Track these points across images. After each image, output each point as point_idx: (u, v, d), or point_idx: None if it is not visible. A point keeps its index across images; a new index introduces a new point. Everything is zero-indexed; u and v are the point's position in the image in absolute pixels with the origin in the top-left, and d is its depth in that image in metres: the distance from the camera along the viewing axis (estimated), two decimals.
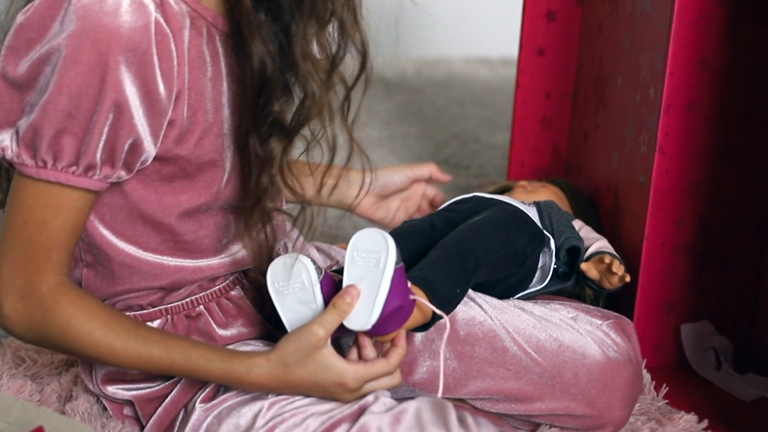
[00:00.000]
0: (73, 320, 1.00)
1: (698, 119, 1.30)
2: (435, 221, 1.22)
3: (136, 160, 0.99)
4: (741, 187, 1.35)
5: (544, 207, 1.29)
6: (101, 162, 0.97)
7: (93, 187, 0.98)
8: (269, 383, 1.02)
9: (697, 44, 1.27)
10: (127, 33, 0.93)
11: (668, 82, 1.27)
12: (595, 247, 1.25)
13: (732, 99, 1.31)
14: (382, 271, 0.99)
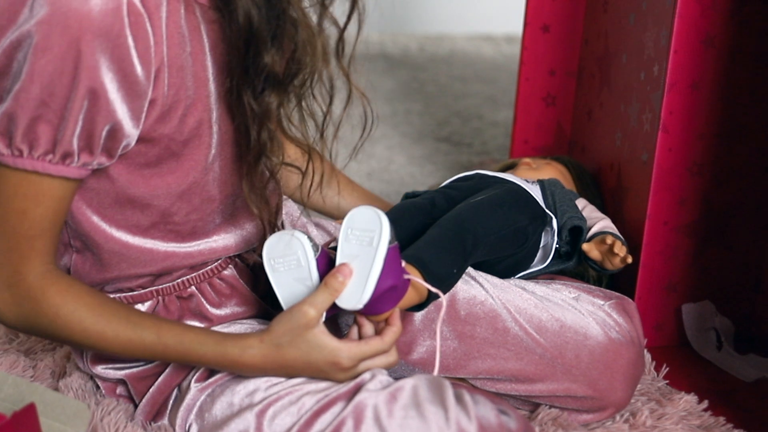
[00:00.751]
0: (62, 309, 0.98)
1: (702, 98, 1.28)
2: (436, 198, 1.20)
3: (117, 145, 0.97)
4: (744, 167, 1.34)
5: (547, 185, 1.27)
6: (78, 149, 0.94)
7: (71, 174, 0.96)
8: (263, 365, 1.01)
9: (702, 22, 1.25)
10: (98, 17, 0.91)
11: (672, 60, 1.25)
12: (597, 227, 1.23)
13: (736, 78, 1.29)
14: (375, 250, 0.97)
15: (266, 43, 0.97)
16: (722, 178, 1.33)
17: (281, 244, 1.03)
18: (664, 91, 1.26)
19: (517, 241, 1.17)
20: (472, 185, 1.24)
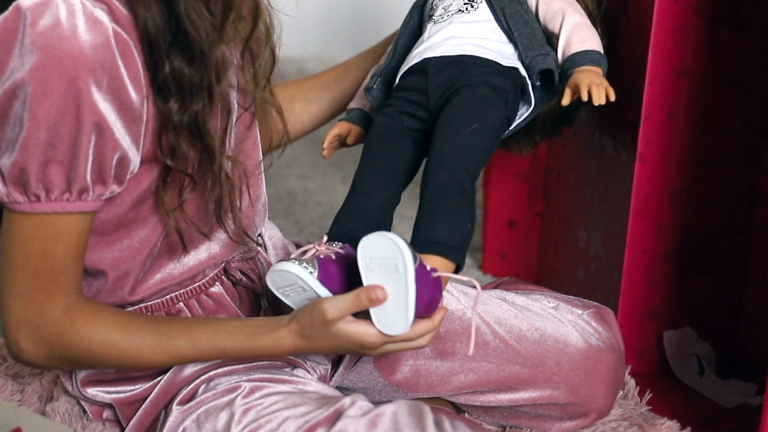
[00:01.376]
0: (95, 337, 1.00)
1: (678, 127, 1.30)
2: (404, 121, 1.14)
3: (125, 172, 0.99)
4: (721, 193, 1.35)
5: (495, 3, 1.19)
6: (92, 183, 0.97)
7: (88, 208, 0.98)
8: (297, 350, 1.03)
9: (675, 53, 1.26)
10: (91, 52, 0.92)
11: (647, 92, 1.26)
12: (566, 46, 1.15)
13: (711, 106, 1.31)
14: (405, 277, 0.96)
15: (163, 52, 0.97)
16: (700, 206, 1.34)
17: (280, 278, 1.03)
18: (639, 122, 1.27)
19: (501, 131, 1.14)
20: (425, 85, 1.14)
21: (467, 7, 1.17)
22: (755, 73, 1.31)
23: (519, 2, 1.17)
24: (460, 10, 1.17)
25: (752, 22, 1.29)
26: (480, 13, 1.16)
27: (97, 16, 0.93)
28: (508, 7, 1.16)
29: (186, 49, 0.97)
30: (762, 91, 1.32)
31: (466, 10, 1.17)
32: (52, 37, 0.92)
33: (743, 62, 1.30)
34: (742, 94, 1.32)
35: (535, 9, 1.18)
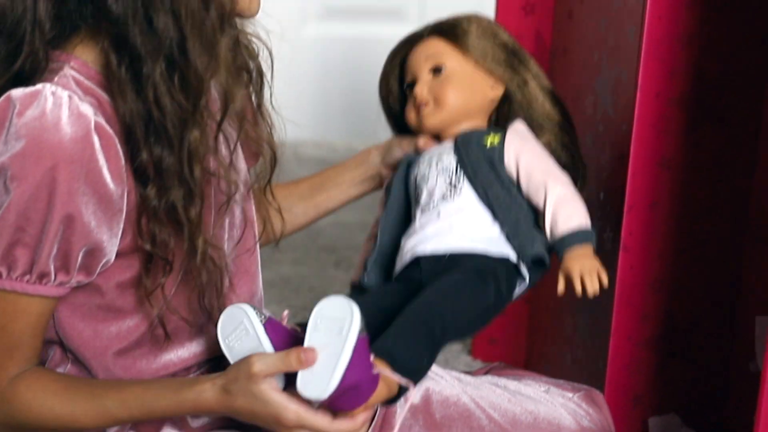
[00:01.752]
0: (33, 403, 1.03)
1: (660, 217, 1.33)
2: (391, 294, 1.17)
3: (95, 263, 1.02)
4: (704, 281, 1.38)
5: (477, 185, 1.19)
6: (55, 269, 1.00)
7: (48, 293, 1.01)
8: (218, 407, 1.03)
9: (657, 143, 1.30)
10: (70, 145, 0.96)
11: (630, 183, 1.30)
12: (553, 225, 1.15)
13: (693, 197, 1.34)
14: (344, 339, 0.97)
15: (139, 141, 1.00)
16: (683, 294, 1.37)
17: (229, 319, 1.04)
18: (623, 213, 1.30)
19: (487, 317, 1.16)
20: (418, 276, 1.18)
21: (451, 190, 1.18)
22: (734, 165, 1.35)
23: (500, 180, 1.18)
24: (444, 196, 1.18)
25: (731, 116, 1.33)
26: (464, 197, 1.18)
27: (82, 110, 0.97)
28: (489, 190, 1.17)
29: (160, 136, 1.00)
30: (741, 183, 1.36)
31: (451, 195, 1.18)
32: (35, 127, 0.96)
33: (723, 154, 1.35)
34: (722, 185, 1.36)
35: (516, 178, 1.19)
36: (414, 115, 1.24)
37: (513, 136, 1.19)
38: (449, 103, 1.21)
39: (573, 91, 1.48)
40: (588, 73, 1.44)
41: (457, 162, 1.19)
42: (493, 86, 1.24)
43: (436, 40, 1.24)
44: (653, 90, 1.29)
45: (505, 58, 1.23)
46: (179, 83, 0.99)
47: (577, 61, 1.48)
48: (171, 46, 0.98)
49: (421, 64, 1.24)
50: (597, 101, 1.41)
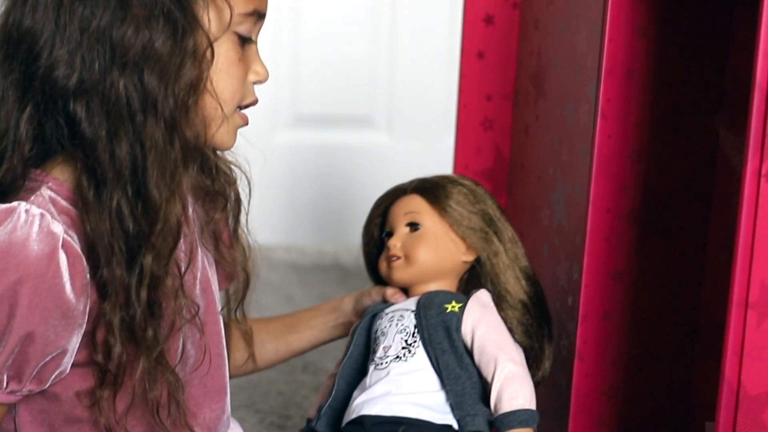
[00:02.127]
0: None
1: (613, 327, 1.38)
2: None
3: (48, 374, 1.05)
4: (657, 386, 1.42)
5: (430, 351, 1.21)
6: (8, 378, 1.03)
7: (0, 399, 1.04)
8: None
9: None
10: (35, 262, 1.00)
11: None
12: (497, 402, 1.17)
13: (643, 307, 1.39)
14: None
15: (101, 259, 1.04)
16: (637, 401, 1.41)
17: None
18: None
19: None
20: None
21: (405, 353, 1.21)
22: (684, 278, 1.41)
23: (453, 348, 1.20)
24: (398, 356, 1.21)
25: (680, 230, 1.39)
26: (417, 360, 1.20)
27: (52, 228, 1.01)
28: (441, 357, 1.19)
29: (118, 257, 1.04)
30: (690, 295, 1.42)
31: (404, 356, 1.21)
32: (5, 241, 1.00)
33: (672, 267, 1.40)
34: (672, 296, 1.41)
35: (470, 345, 1.21)
36: (385, 266, 1.28)
37: (474, 305, 1.22)
38: (420, 261, 1.26)
39: (530, 203, 1.54)
40: (544, 187, 1.50)
41: (415, 325, 1.22)
42: (466, 252, 1.27)
43: (418, 198, 1.29)
44: (604, 205, 1.35)
45: (480, 227, 1.27)
46: (140, 210, 1.04)
47: (534, 175, 1.54)
48: (133, 174, 1.03)
49: (400, 218, 1.28)
50: (552, 214, 1.47)
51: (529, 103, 1.56)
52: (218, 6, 1.08)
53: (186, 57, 1.04)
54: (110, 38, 1.03)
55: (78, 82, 1.03)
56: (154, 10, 1.03)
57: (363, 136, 2.75)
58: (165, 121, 1.04)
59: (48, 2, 1.04)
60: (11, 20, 1.05)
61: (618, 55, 1.31)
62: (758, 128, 1.08)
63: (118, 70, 1.03)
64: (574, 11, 1.41)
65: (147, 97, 1.03)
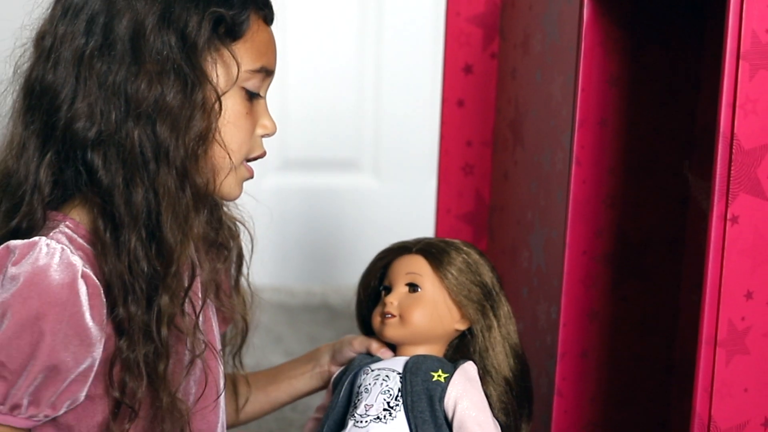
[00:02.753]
0: None
1: (590, 366, 1.42)
2: None
3: (62, 401, 1.10)
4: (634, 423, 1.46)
5: (411, 418, 1.22)
6: (28, 404, 1.07)
7: (17, 424, 1.08)
8: None
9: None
10: (57, 289, 1.05)
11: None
12: None
13: (620, 345, 1.44)
14: None
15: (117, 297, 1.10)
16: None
17: None
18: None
19: None
20: None
21: (386, 414, 1.21)
22: (659, 318, 1.45)
23: (434, 418, 1.21)
24: (378, 417, 1.21)
25: (654, 272, 1.44)
26: (396, 424, 1.21)
27: (71, 260, 1.07)
28: (421, 427, 1.20)
29: (134, 297, 1.10)
30: (665, 334, 1.46)
31: (384, 418, 1.21)
32: (28, 272, 1.05)
33: (647, 308, 1.45)
34: (648, 336, 1.46)
35: (451, 418, 1.22)
36: (379, 321, 1.28)
37: (460, 377, 1.23)
38: (414, 323, 1.26)
39: (510, 246, 1.59)
40: (523, 230, 1.55)
41: (399, 389, 1.22)
42: (460, 320, 1.28)
43: (422, 260, 1.29)
44: (580, 248, 1.39)
45: (478, 299, 1.27)
46: (154, 252, 1.10)
47: (513, 218, 1.59)
48: (148, 218, 1.09)
49: (401, 276, 1.28)
50: (531, 256, 1.51)
51: (507, 149, 1.61)
52: (226, 63, 1.14)
53: (195, 109, 1.11)
54: (125, 92, 1.10)
55: (96, 134, 1.10)
56: (166, 66, 1.10)
57: (349, 179, 2.80)
58: (176, 169, 1.10)
59: (68, 59, 1.11)
60: (34, 75, 1.13)
61: (591, 105, 1.37)
62: (723, 174, 1.13)
63: (132, 122, 1.09)
64: (548, 62, 1.47)
65: (159, 146, 1.10)
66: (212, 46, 1.13)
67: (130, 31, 1.10)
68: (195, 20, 1.11)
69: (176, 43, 1.10)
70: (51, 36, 1.12)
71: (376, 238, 3.00)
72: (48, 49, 1.12)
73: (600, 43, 1.36)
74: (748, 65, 1.11)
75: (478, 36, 1.64)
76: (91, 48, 1.10)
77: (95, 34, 1.10)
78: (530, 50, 1.53)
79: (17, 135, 1.13)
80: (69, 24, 1.11)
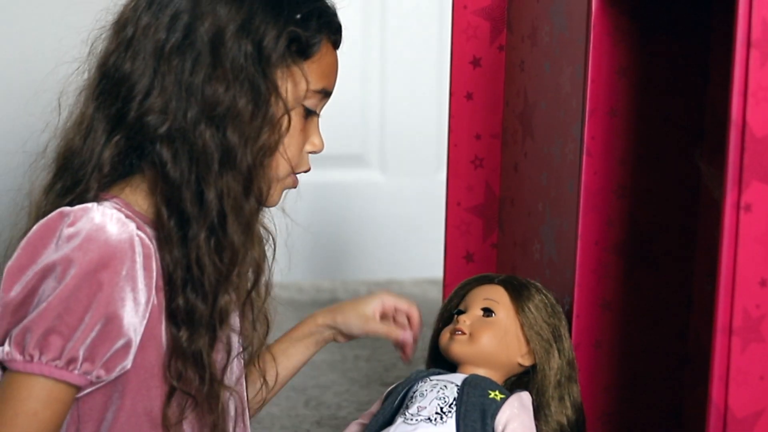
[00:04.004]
0: None
1: (604, 355, 1.42)
2: None
3: (115, 364, 1.11)
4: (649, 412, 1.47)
5: (461, 424, 1.25)
6: (83, 358, 1.08)
7: (73, 380, 1.09)
8: None
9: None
10: (115, 243, 1.08)
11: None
12: None
13: (632, 336, 1.44)
14: None
15: (177, 288, 1.13)
16: (630, 427, 1.46)
17: None
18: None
19: None
20: None
21: (437, 418, 1.24)
22: (671, 306, 1.46)
23: (483, 429, 1.23)
24: (429, 418, 1.24)
25: (665, 261, 1.45)
26: (446, 427, 1.23)
27: (125, 221, 1.10)
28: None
29: (196, 289, 1.13)
30: (678, 323, 1.47)
31: (434, 420, 1.23)
32: (84, 229, 1.07)
33: (660, 297, 1.45)
34: (659, 324, 1.46)
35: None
36: (447, 337, 1.32)
37: (515, 401, 1.25)
38: (482, 344, 1.30)
39: (521, 238, 1.59)
40: (534, 222, 1.55)
41: (455, 398, 1.25)
42: (525, 355, 1.32)
43: (501, 290, 1.34)
44: (592, 238, 1.40)
45: (548, 339, 1.31)
46: (219, 250, 1.13)
47: (524, 210, 1.59)
48: (214, 218, 1.12)
49: (478, 301, 1.33)
50: (543, 248, 1.52)
51: (517, 141, 1.61)
52: (295, 79, 1.18)
53: (265, 121, 1.14)
54: (203, 92, 1.12)
55: (168, 129, 1.12)
56: (241, 74, 1.13)
57: (356, 174, 2.81)
58: (242, 175, 1.13)
59: (148, 51, 1.14)
60: (112, 62, 1.15)
61: (600, 95, 1.38)
62: (735, 162, 1.13)
63: (205, 123, 1.12)
64: (557, 53, 1.47)
65: (228, 151, 1.13)
66: (284, 62, 1.16)
67: (211, 34, 1.13)
68: (273, 34, 1.14)
69: (252, 54, 1.13)
70: (133, 25, 1.15)
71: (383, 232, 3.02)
72: (129, 39, 1.15)
73: (608, 34, 1.36)
74: (759, 53, 1.11)
75: (485, 29, 1.64)
76: (171, 43, 1.13)
77: (177, 31, 1.13)
78: (538, 42, 1.53)
79: (87, 116, 1.16)
80: (153, 17, 1.14)
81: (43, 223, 1.10)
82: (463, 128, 1.67)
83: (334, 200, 2.81)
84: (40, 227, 1.10)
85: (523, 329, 1.31)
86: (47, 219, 1.10)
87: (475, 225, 1.69)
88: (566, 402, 1.30)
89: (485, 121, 1.67)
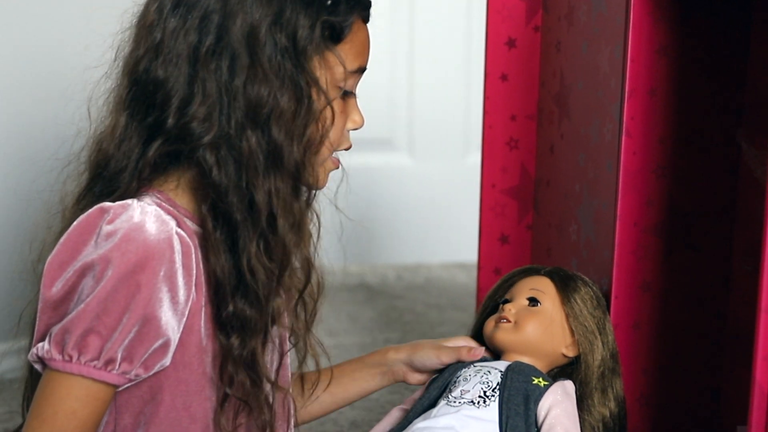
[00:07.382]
0: None
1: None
2: None
3: (154, 362, 1.10)
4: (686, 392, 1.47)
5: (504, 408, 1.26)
6: (121, 358, 1.08)
7: (111, 380, 1.09)
8: None
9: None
10: (154, 243, 1.06)
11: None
12: None
13: (672, 318, 1.44)
14: None
15: (227, 295, 1.11)
16: (668, 409, 1.45)
17: None
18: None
19: None
20: None
21: (480, 401, 1.24)
22: (710, 288, 1.46)
23: (526, 416, 1.23)
24: (472, 401, 1.24)
25: (704, 242, 1.44)
26: (488, 411, 1.23)
27: (165, 218, 1.08)
28: (512, 419, 1.22)
29: (247, 295, 1.11)
30: (717, 304, 1.46)
31: (477, 403, 1.24)
32: (123, 228, 1.06)
33: (698, 278, 1.45)
34: (698, 305, 1.46)
35: (541, 422, 1.24)
36: (492, 325, 1.32)
37: (558, 388, 1.25)
38: (527, 332, 1.29)
39: (557, 219, 1.59)
40: (571, 203, 1.55)
41: (498, 383, 1.25)
42: (569, 346, 1.31)
43: (548, 281, 1.34)
44: (631, 219, 1.39)
45: (592, 330, 1.31)
46: (269, 253, 1.11)
47: (560, 191, 1.59)
48: (264, 221, 1.10)
49: (524, 291, 1.33)
50: (580, 229, 1.51)
51: (553, 122, 1.61)
52: (330, 65, 1.15)
53: (309, 115, 1.12)
54: (245, 95, 1.09)
55: (214, 137, 1.09)
56: (279, 71, 1.10)
57: (385, 157, 2.81)
58: (290, 173, 1.12)
59: (181, 57, 1.10)
60: (142, 68, 1.12)
61: (640, 75, 1.37)
62: None
63: (251, 126, 1.10)
64: (595, 34, 1.46)
65: (275, 151, 1.10)
66: (319, 51, 1.13)
67: (245, 33, 1.09)
68: (306, 25, 1.11)
69: (288, 48, 1.11)
70: (160, 29, 1.11)
71: (412, 216, 3.02)
72: (157, 43, 1.11)
73: (648, 12, 1.35)
74: None
75: (520, 9, 1.64)
76: (206, 46, 1.09)
77: (209, 33, 1.09)
78: (575, 22, 1.52)
79: (120, 125, 1.13)
80: (181, 19, 1.10)
81: (83, 218, 1.09)
82: (498, 110, 1.66)
83: (363, 184, 2.81)
84: (80, 223, 1.09)
85: (568, 320, 1.31)
86: (87, 215, 1.09)
87: (510, 207, 1.69)
88: (609, 394, 1.30)
89: (520, 102, 1.66)
